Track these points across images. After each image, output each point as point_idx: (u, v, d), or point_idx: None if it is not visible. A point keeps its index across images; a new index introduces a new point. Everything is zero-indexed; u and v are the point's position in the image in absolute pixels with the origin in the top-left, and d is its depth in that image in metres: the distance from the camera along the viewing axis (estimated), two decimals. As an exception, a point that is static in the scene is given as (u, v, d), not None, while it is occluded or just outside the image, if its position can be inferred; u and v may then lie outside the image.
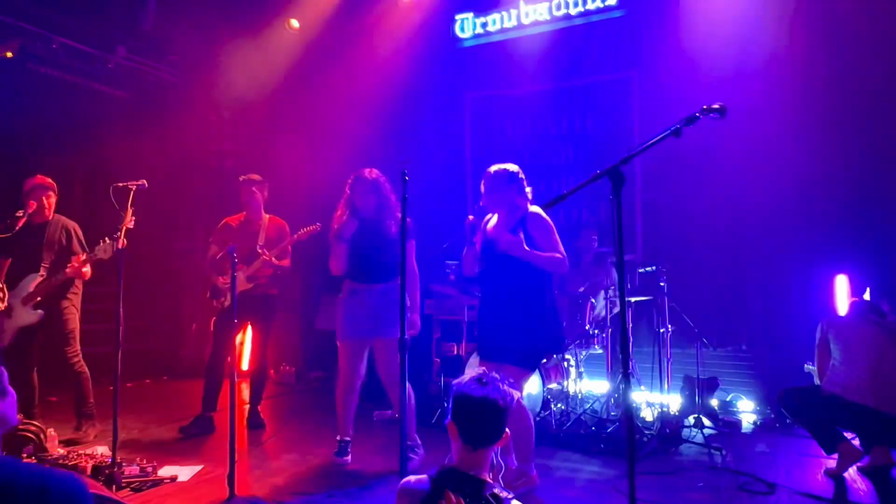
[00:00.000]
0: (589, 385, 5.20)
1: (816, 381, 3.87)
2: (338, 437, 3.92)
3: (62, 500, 1.14)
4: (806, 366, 4.12)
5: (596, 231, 5.60)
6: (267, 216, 4.82)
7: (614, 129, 6.21)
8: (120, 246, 3.47)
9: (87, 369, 4.49)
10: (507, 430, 1.81)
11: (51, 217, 4.45)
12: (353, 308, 3.87)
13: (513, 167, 3.43)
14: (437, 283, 5.77)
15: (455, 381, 1.84)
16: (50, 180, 4.49)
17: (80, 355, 4.45)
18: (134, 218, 3.61)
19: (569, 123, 6.58)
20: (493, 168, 3.45)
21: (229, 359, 4.27)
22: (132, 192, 3.64)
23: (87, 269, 4.29)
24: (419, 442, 3.93)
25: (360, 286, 3.88)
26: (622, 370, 2.02)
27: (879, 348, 3.62)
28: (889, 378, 3.57)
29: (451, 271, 5.97)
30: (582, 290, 5.10)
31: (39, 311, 4.25)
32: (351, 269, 3.91)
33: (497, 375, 1.83)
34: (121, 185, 3.69)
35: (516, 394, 1.83)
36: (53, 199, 4.48)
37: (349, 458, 3.89)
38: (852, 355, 3.65)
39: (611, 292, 4.97)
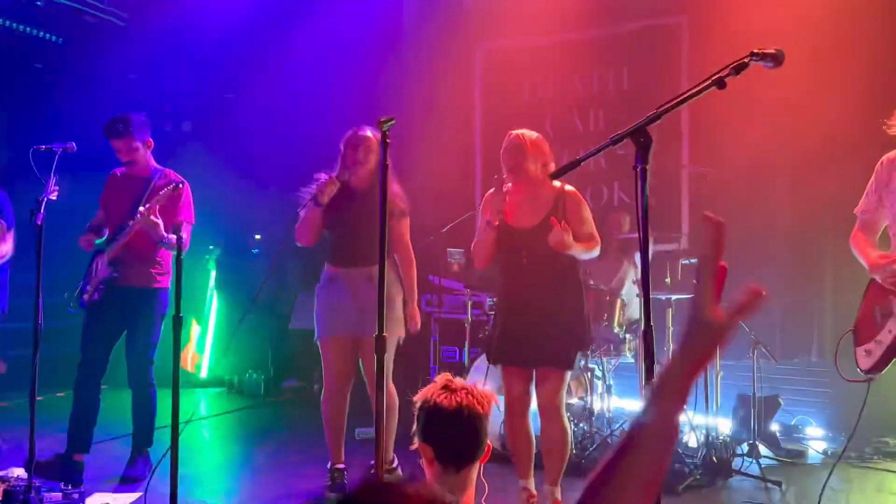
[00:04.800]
0: (619, 402, 5.16)
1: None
2: (328, 465, 3.88)
3: None
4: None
5: (629, 214, 5.55)
6: (160, 170, 4.23)
7: (657, 87, 6.12)
8: (39, 222, 3.45)
9: None
10: (489, 442, 1.84)
11: None
12: (335, 298, 3.84)
13: (535, 134, 3.57)
14: (436, 274, 5.73)
15: (418, 396, 1.86)
16: None
17: None
18: (58, 188, 3.59)
19: (601, 81, 6.52)
20: (517, 132, 3.55)
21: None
22: (57, 157, 3.62)
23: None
24: (397, 462, 3.90)
25: (341, 271, 3.85)
26: (646, 381, 1.98)
27: None
28: None
29: (455, 260, 5.93)
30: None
31: None
32: (333, 249, 3.88)
33: (464, 378, 1.84)
34: (43, 147, 3.67)
35: (494, 396, 1.86)
36: None
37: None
38: None
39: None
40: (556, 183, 3.55)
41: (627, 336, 4.81)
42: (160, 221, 3.88)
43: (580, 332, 3.59)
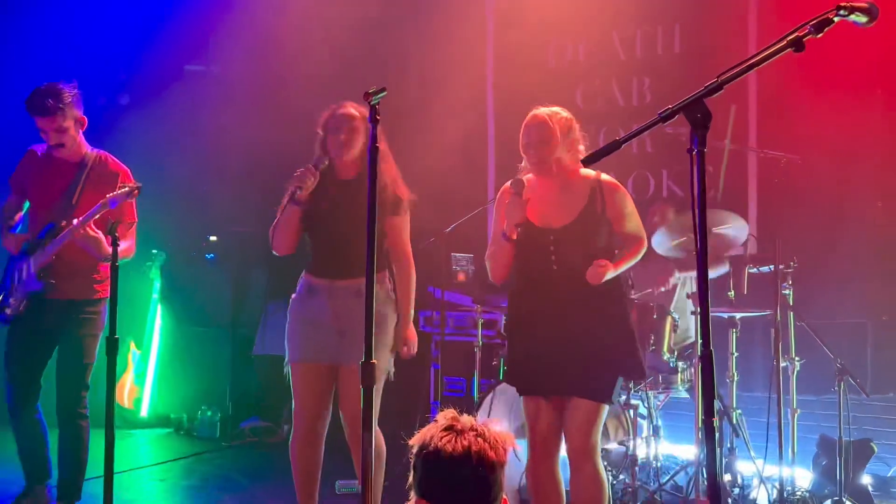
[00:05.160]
0: (669, 447, 5.17)
1: None
2: None
3: None
4: None
5: (674, 206, 5.57)
6: (94, 153, 4.28)
7: (717, 49, 6.12)
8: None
9: None
10: (504, 496, 1.83)
11: None
12: (312, 314, 3.84)
13: (563, 112, 3.61)
14: (437, 285, 5.74)
15: (415, 438, 1.86)
16: None
17: None
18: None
19: (646, 42, 6.53)
20: (539, 112, 3.58)
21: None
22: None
23: None
24: None
25: (323, 283, 3.86)
26: (703, 420, 1.98)
27: None
28: None
29: (461, 268, 5.95)
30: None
31: None
32: (314, 256, 3.90)
33: (474, 417, 1.85)
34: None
35: (511, 439, 1.85)
36: None
37: None
38: None
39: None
40: (590, 171, 3.56)
41: (680, 364, 4.81)
42: (101, 237, 3.94)
43: (624, 354, 3.58)
